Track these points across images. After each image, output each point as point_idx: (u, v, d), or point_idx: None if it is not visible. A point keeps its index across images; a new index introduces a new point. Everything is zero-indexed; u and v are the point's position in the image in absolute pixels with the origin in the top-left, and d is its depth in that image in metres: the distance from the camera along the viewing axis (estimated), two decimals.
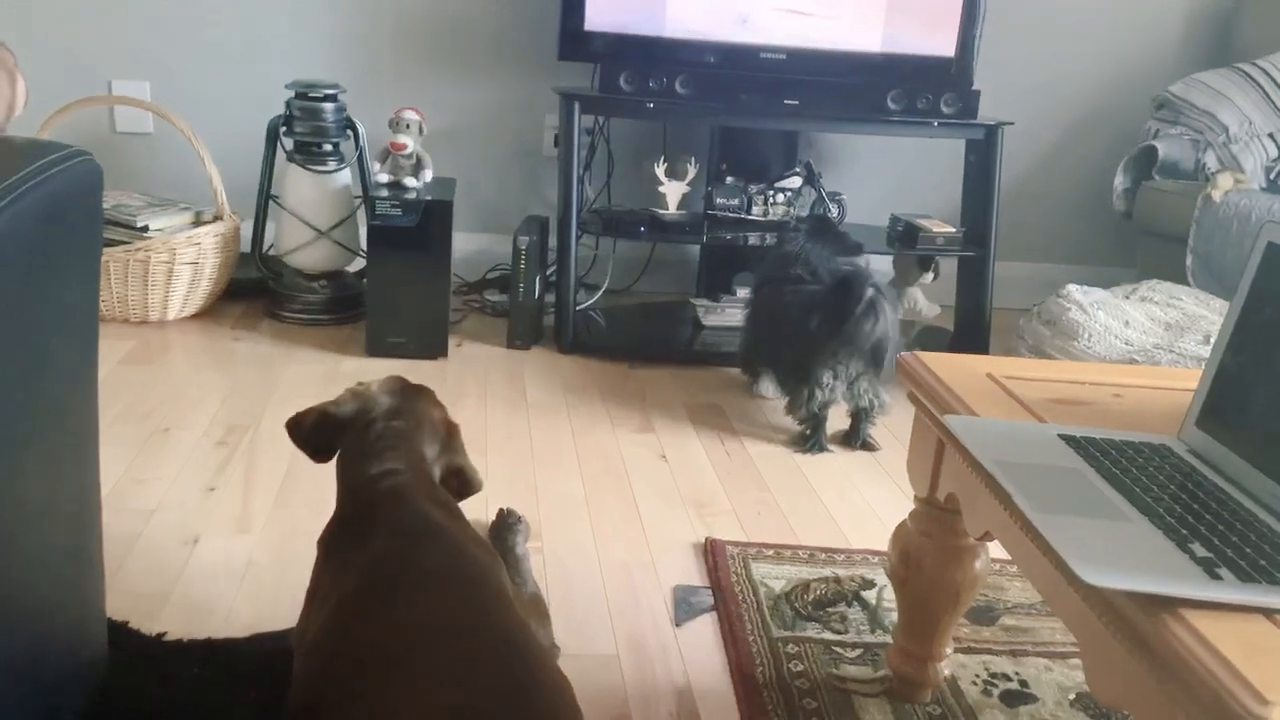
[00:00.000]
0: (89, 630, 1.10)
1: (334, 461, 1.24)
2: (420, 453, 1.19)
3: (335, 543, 1.09)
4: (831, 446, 2.14)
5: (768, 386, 2.35)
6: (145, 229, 2.55)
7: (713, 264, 3.04)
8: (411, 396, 1.28)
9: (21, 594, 0.90)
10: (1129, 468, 0.92)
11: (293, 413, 1.28)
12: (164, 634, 1.32)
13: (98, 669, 1.13)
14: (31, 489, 0.90)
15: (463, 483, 1.26)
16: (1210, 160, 2.79)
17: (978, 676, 1.38)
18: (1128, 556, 0.77)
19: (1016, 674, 1.39)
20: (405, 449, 1.17)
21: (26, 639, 0.92)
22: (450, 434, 1.28)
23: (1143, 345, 2.20)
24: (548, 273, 2.78)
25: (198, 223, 2.64)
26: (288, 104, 2.62)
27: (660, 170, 2.78)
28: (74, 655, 1.06)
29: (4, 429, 0.83)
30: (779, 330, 2.19)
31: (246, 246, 2.77)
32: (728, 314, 2.83)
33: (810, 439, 2.12)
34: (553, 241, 2.73)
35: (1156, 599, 0.72)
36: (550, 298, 2.74)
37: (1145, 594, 0.73)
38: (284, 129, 2.63)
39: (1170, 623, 0.70)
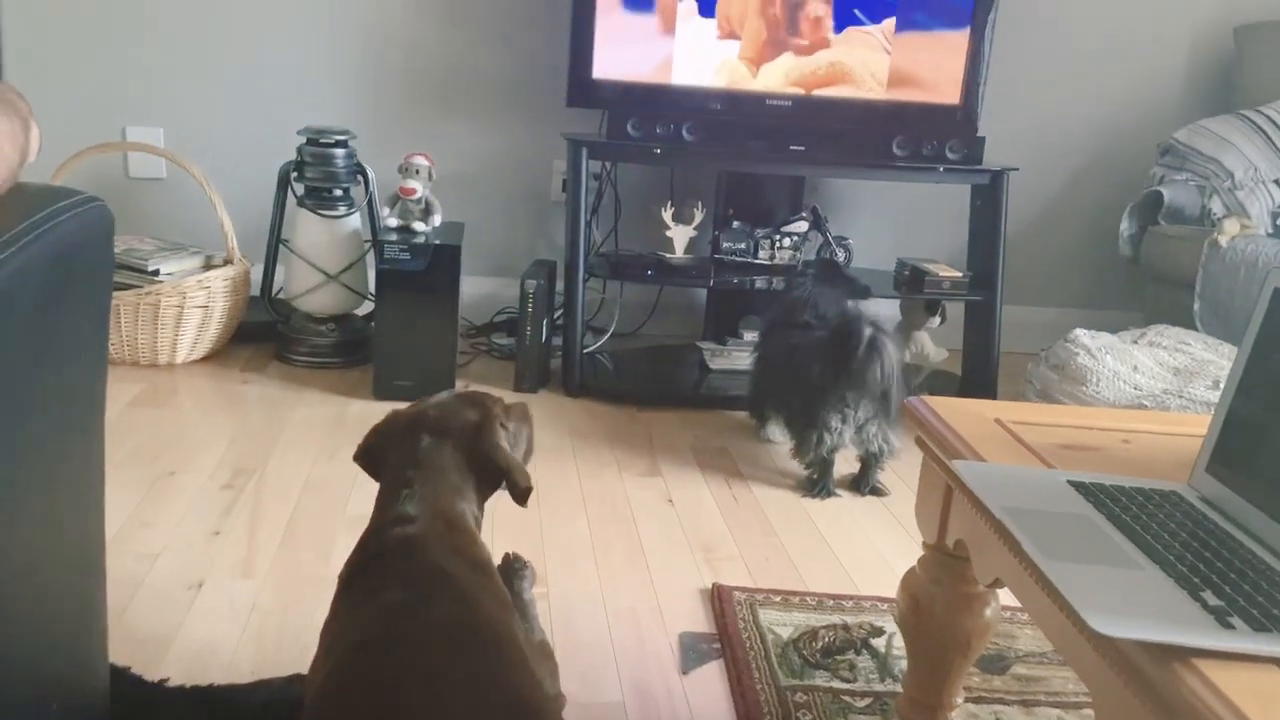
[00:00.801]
0: (90, 677, 1.10)
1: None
2: (444, 488, 1.14)
3: (350, 586, 1.07)
4: (840, 491, 2.12)
5: (775, 431, 2.35)
6: (156, 273, 2.57)
7: (719, 308, 3.04)
8: (454, 411, 1.21)
9: (23, 641, 0.89)
10: (1139, 514, 0.91)
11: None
12: (166, 680, 1.31)
13: (100, 715, 1.12)
14: (35, 536, 0.90)
15: (509, 483, 1.18)
16: (1216, 206, 2.80)
17: None
18: (1139, 605, 0.76)
19: None
20: (430, 485, 1.13)
21: (27, 686, 0.91)
22: (479, 435, 1.18)
23: (1152, 390, 2.19)
24: (555, 316, 2.79)
25: (208, 267, 2.67)
26: (299, 150, 2.65)
27: (667, 215, 2.80)
28: (75, 702, 1.05)
29: (9, 475, 0.83)
30: (786, 374, 2.19)
31: (256, 290, 2.79)
32: (734, 357, 2.83)
33: (818, 483, 2.11)
34: (560, 285, 2.74)
35: (1169, 648, 0.71)
36: (557, 341, 2.74)
37: (1157, 643, 0.72)
38: (295, 174, 2.66)
39: (1182, 673, 0.69)
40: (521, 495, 1.17)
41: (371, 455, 1.21)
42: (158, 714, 1.23)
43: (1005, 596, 1.16)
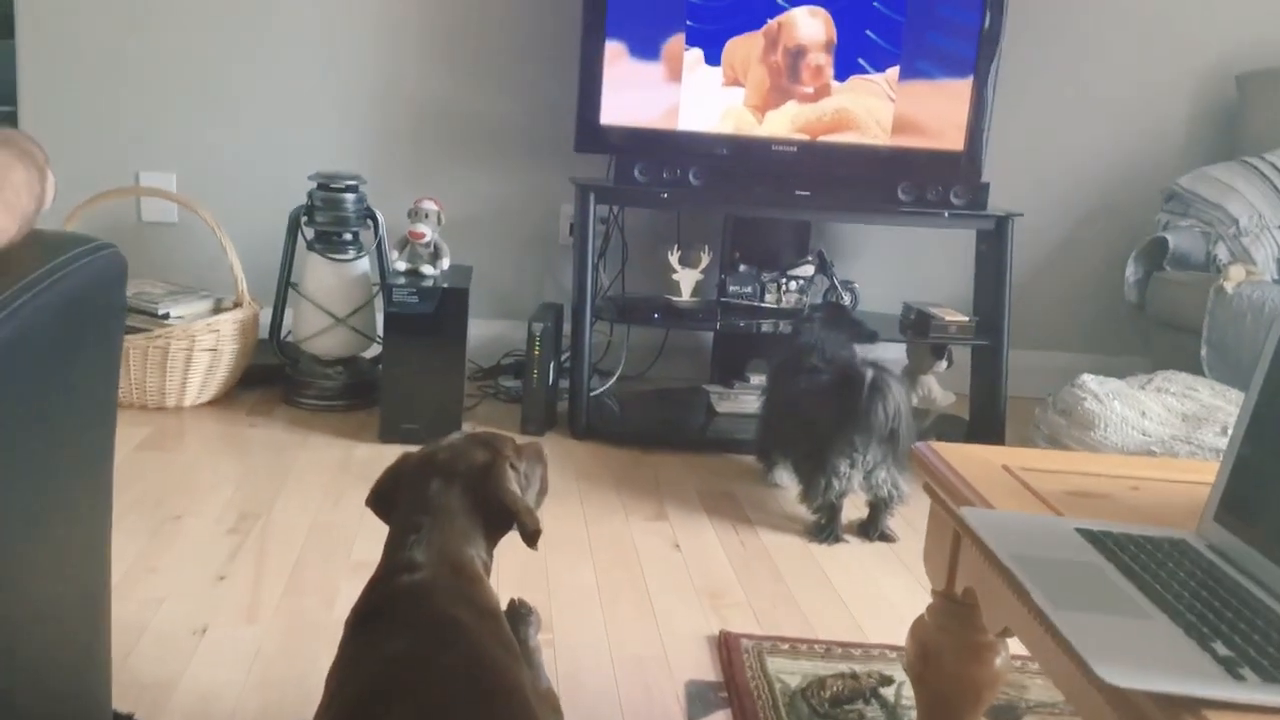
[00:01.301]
0: None
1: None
2: (453, 533, 1.13)
3: (356, 633, 1.06)
4: (847, 537, 2.11)
5: (783, 475, 2.34)
6: (166, 316, 2.58)
7: (726, 351, 3.05)
8: (463, 452, 1.20)
9: (28, 686, 0.89)
10: (1148, 563, 0.91)
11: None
12: None
13: None
14: (42, 581, 0.90)
15: (518, 524, 1.16)
16: (1221, 252, 2.81)
17: None
18: (1148, 655, 0.76)
19: None
20: (438, 530, 1.12)
21: None
22: (488, 476, 1.17)
23: (1160, 436, 2.19)
24: (562, 359, 2.80)
25: (218, 310, 2.68)
26: (310, 194, 2.68)
27: (674, 258, 2.82)
28: None
29: (16, 523, 0.83)
30: (794, 418, 2.19)
31: (265, 333, 2.80)
32: (741, 400, 2.83)
33: (825, 529, 2.10)
34: (567, 328, 2.75)
35: (1179, 699, 0.70)
36: (564, 384, 2.75)
37: (1167, 694, 0.71)
38: (306, 219, 2.69)
39: None
40: (530, 537, 1.16)
41: (382, 499, 1.21)
42: None
43: (1015, 645, 1.15)
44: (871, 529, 2.12)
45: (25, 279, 0.80)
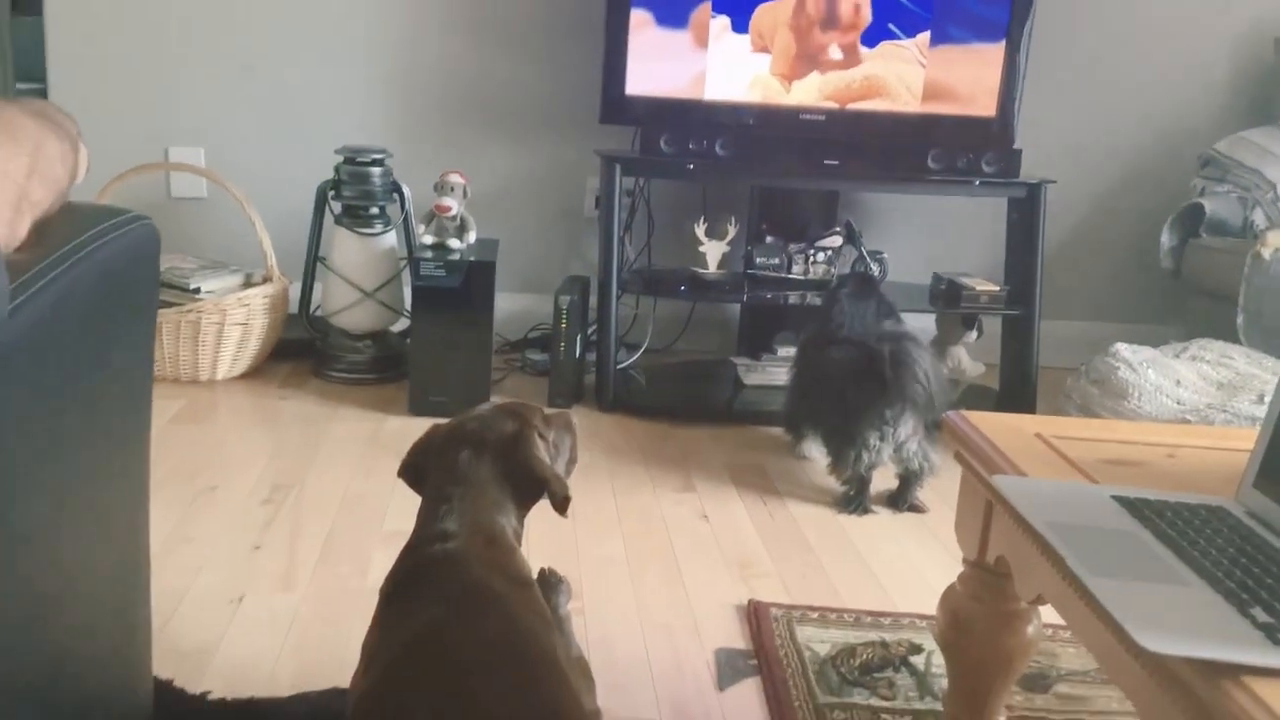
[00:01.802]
0: (135, 690, 1.11)
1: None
2: (484, 503, 1.14)
3: (391, 601, 1.07)
4: (876, 508, 2.11)
5: (811, 447, 2.33)
6: (197, 291, 2.61)
7: (753, 323, 3.04)
8: (492, 423, 1.20)
9: (71, 654, 0.91)
10: (1185, 530, 0.90)
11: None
12: (208, 693, 1.32)
13: None
14: (85, 551, 0.92)
15: (548, 492, 1.17)
16: (1259, 218, 2.76)
17: None
18: (1187, 622, 0.75)
19: None
20: (469, 500, 1.13)
21: (75, 700, 0.92)
22: (516, 445, 1.18)
23: (1195, 405, 2.16)
24: (589, 332, 2.80)
25: (248, 284, 2.70)
26: (336, 169, 2.69)
27: (700, 230, 2.81)
28: (121, 714, 1.06)
29: (58, 490, 0.85)
30: (824, 390, 2.17)
31: (294, 307, 2.82)
32: (769, 373, 2.82)
33: (854, 500, 2.09)
34: (594, 301, 2.75)
35: (1218, 666, 0.70)
36: (591, 357, 2.75)
37: (1206, 660, 0.70)
38: (333, 193, 2.70)
39: (1232, 690, 0.68)
40: (560, 504, 1.17)
41: (413, 470, 1.22)
42: None
43: (1047, 614, 1.15)
44: (901, 500, 2.12)
45: (61, 250, 0.81)
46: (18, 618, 0.79)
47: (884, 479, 2.15)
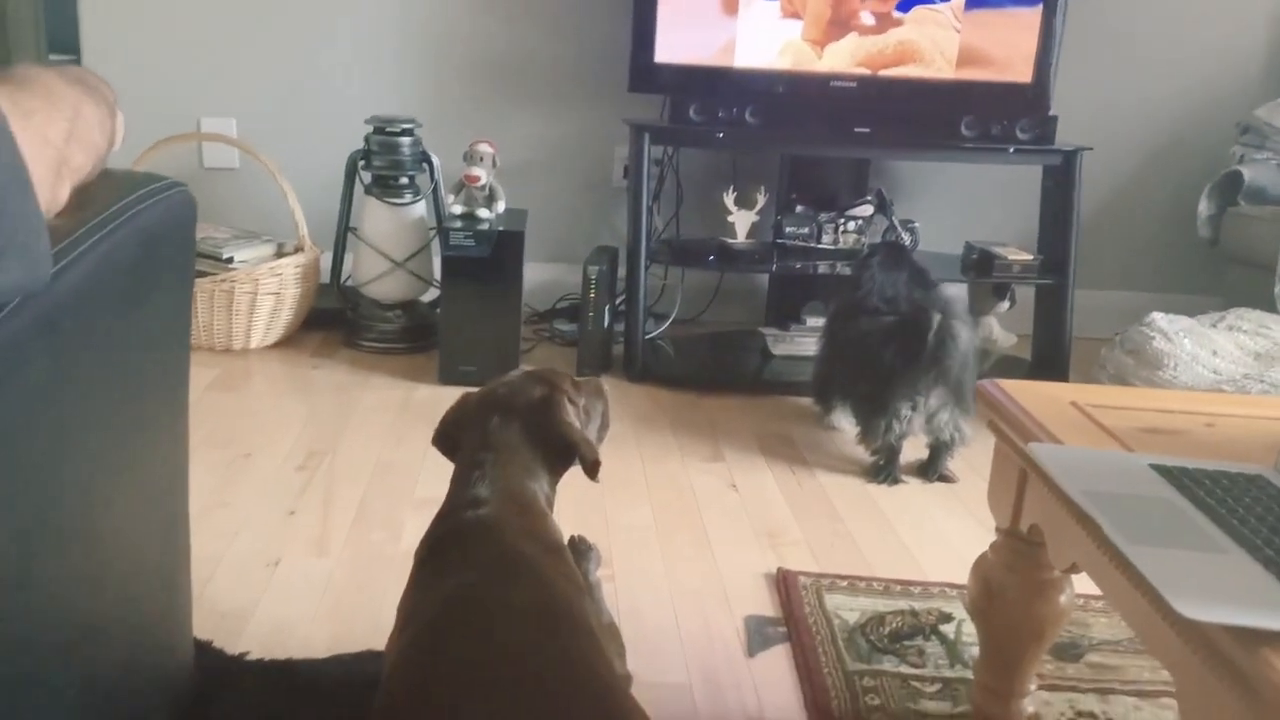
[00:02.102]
0: (177, 650, 1.13)
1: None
2: (515, 469, 1.15)
3: (425, 563, 1.09)
4: (906, 477, 2.10)
5: (841, 418, 2.32)
6: (230, 260, 2.63)
7: (782, 293, 3.02)
8: (522, 389, 1.21)
9: (117, 615, 0.93)
10: (1224, 498, 0.89)
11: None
12: (246, 654, 1.35)
13: (185, 688, 1.16)
14: (128, 513, 0.93)
15: (579, 456, 1.18)
16: None
17: (1063, 715, 1.34)
18: (1225, 589, 0.75)
19: (1104, 713, 1.34)
20: (501, 467, 1.14)
21: (120, 658, 0.94)
22: (546, 411, 1.19)
23: (1231, 375, 2.13)
24: (617, 302, 2.80)
25: (280, 254, 2.72)
26: (366, 139, 2.69)
27: (729, 199, 2.79)
28: (163, 673, 1.08)
29: (104, 454, 0.86)
30: (855, 360, 2.16)
31: (326, 277, 2.84)
32: (797, 343, 2.81)
33: (884, 470, 2.09)
34: (622, 271, 2.75)
35: (1256, 633, 0.69)
36: (619, 327, 2.75)
37: (1244, 627, 0.70)
38: (363, 163, 2.71)
39: (1271, 657, 0.68)
40: (591, 468, 1.18)
41: (446, 438, 1.23)
42: (239, 686, 1.27)
43: (1079, 583, 1.14)
44: (931, 470, 2.11)
45: (102, 215, 0.82)
46: (65, 579, 0.81)
47: (915, 449, 2.14)
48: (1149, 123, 3.15)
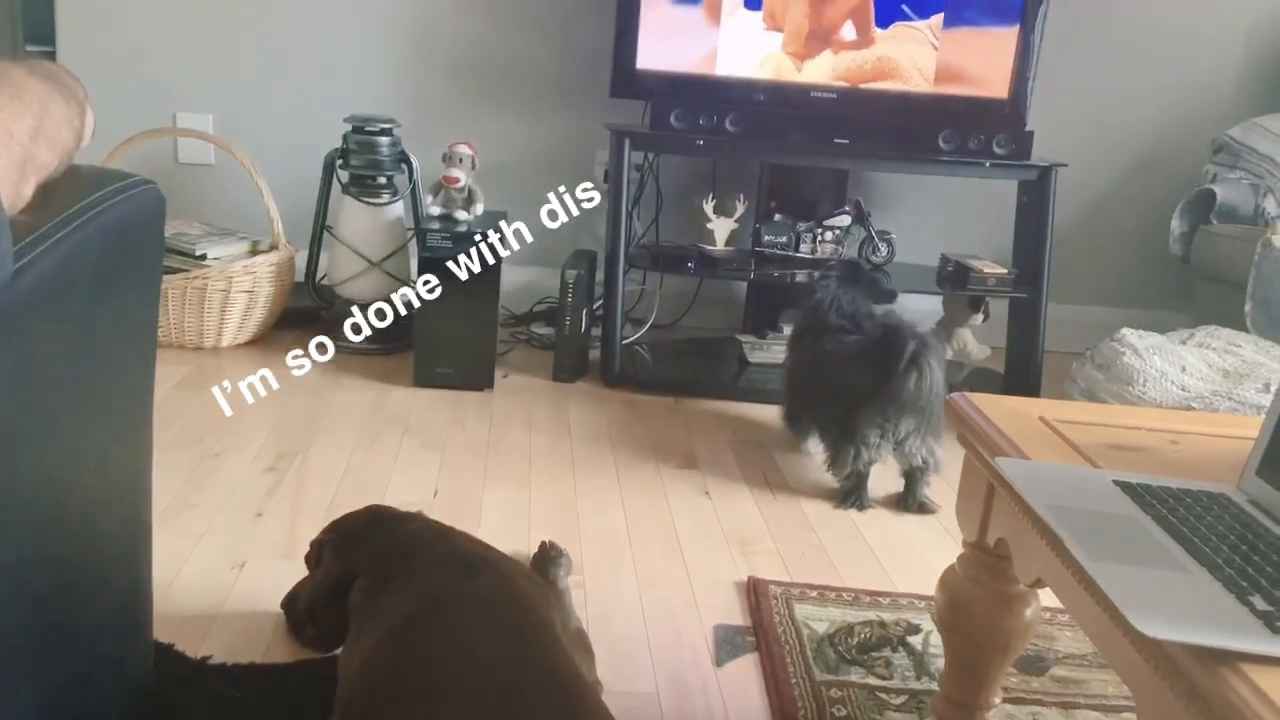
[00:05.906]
0: (136, 652, 1.12)
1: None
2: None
3: (368, 595, 1.07)
4: (875, 504, 2.05)
5: (813, 444, 2.24)
6: (204, 257, 2.60)
7: (760, 301, 3.03)
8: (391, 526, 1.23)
9: (75, 615, 0.91)
10: (1187, 517, 0.90)
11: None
12: (209, 658, 1.33)
13: (144, 691, 1.14)
14: (88, 512, 0.92)
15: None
16: (1270, 205, 2.74)
17: None
18: (1186, 608, 0.75)
19: None
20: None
21: (77, 659, 0.93)
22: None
23: (1200, 392, 2.15)
24: (594, 307, 2.79)
25: (254, 252, 2.70)
26: (344, 137, 2.67)
27: (709, 207, 2.79)
28: (122, 676, 1.07)
29: (64, 449, 0.85)
30: (820, 383, 2.12)
31: (301, 276, 2.82)
32: (774, 351, 2.82)
33: (852, 494, 2.03)
34: (600, 276, 2.74)
35: (1215, 652, 0.70)
36: (596, 331, 2.75)
37: (1204, 647, 0.70)
38: (340, 162, 2.69)
39: (1229, 677, 0.68)
40: None
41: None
42: (200, 690, 1.26)
43: (1045, 597, 1.15)
44: (910, 499, 2.04)
45: (66, 213, 0.81)
46: (21, 578, 0.80)
47: (892, 481, 2.09)
48: (1124, 140, 3.18)
